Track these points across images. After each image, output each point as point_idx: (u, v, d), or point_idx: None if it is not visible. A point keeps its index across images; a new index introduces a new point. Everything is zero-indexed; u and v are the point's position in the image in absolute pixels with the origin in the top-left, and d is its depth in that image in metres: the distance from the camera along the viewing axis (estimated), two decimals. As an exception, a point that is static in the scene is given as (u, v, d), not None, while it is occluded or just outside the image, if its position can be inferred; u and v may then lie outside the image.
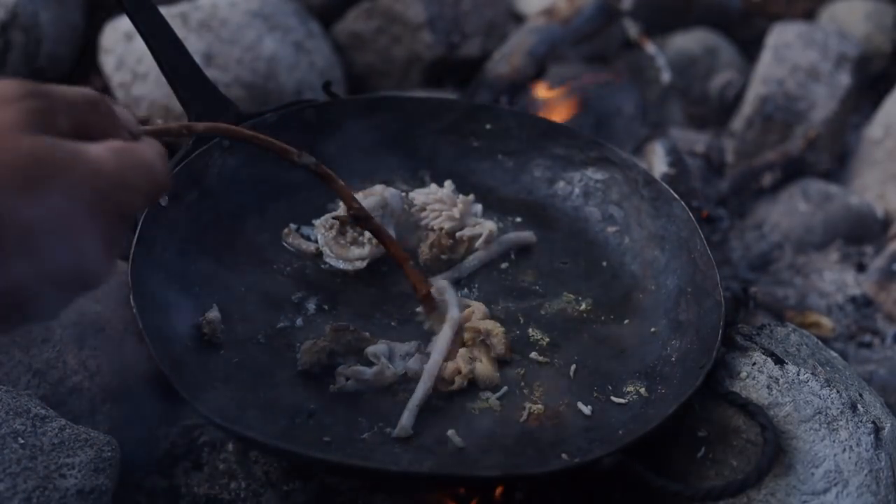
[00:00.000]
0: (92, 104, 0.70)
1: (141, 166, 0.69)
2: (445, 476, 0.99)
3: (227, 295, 1.15)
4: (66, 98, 0.67)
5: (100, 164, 0.65)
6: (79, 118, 0.68)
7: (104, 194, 0.65)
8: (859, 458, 1.00)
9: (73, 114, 0.67)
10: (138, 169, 0.69)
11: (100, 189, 0.65)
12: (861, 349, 1.54)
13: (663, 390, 1.09)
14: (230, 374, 1.06)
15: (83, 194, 0.64)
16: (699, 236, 1.21)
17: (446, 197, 1.30)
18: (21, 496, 0.92)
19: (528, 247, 1.31)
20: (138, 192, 0.69)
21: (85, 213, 0.64)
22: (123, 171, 0.67)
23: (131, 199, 0.68)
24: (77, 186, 0.63)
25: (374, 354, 1.08)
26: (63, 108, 0.66)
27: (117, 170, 0.66)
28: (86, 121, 0.68)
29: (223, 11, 1.73)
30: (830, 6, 2.27)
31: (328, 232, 1.24)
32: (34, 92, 0.65)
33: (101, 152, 0.66)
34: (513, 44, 1.90)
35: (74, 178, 0.63)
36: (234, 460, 1.12)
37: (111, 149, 0.67)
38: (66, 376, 1.11)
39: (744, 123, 1.94)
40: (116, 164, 0.66)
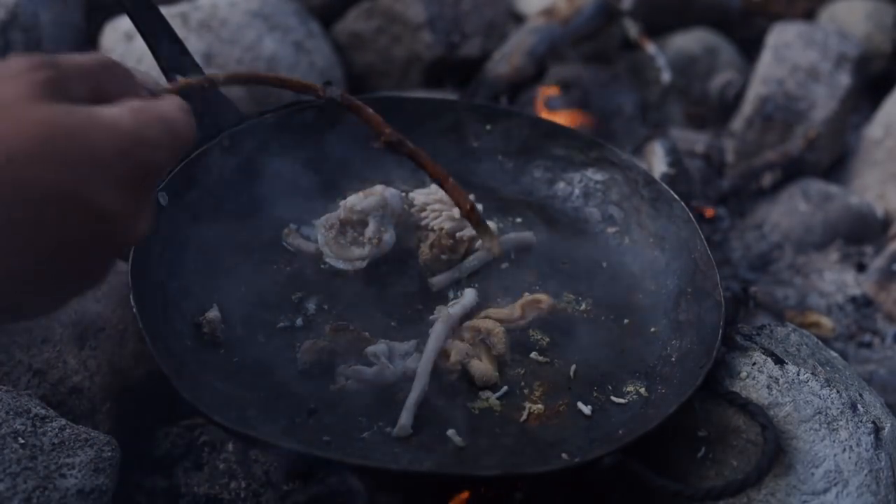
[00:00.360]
0: (106, 67, 0.69)
1: (161, 121, 0.68)
2: (445, 475, 0.99)
3: (227, 295, 1.15)
4: (79, 65, 0.67)
5: (117, 124, 0.64)
6: (94, 83, 0.67)
7: (125, 153, 0.64)
8: (859, 458, 1.01)
9: (87, 79, 0.67)
10: (158, 124, 0.68)
11: (120, 148, 0.64)
12: (861, 349, 1.54)
13: (663, 390, 1.09)
14: (230, 374, 1.06)
15: (103, 155, 0.63)
16: (699, 236, 1.21)
17: (446, 197, 1.30)
18: (21, 496, 0.92)
19: (528, 247, 1.31)
20: (160, 147, 0.67)
21: (108, 174, 0.63)
22: (142, 127, 0.66)
23: (154, 155, 0.67)
24: (96, 148, 0.62)
25: (374, 354, 1.08)
26: (76, 75, 0.66)
27: (136, 127, 0.65)
28: (101, 85, 0.68)
29: (223, 11, 1.73)
30: (830, 6, 2.27)
31: (328, 232, 1.24)
32: (44, 63, 0.64)
33: (117, 112, 0.65)
34: (513, 44, 1.90)
35: (92, 140, 0.62)
36: (234, 460, 1.12)
37: (128, 107, 0.66)
38: (66, 376, 1.11)
39: (744, 123, 1.94)
40: (134, 121, 0.66)
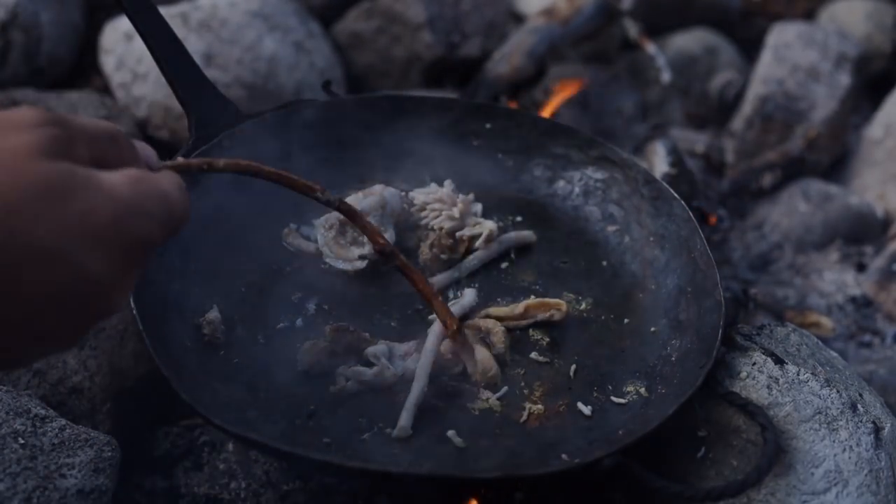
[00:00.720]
0: (111, 137, 0.70)
1: (157, 195, 0.69)
2: (445, 476, 0.99)
3: (227, 295, 1.15)
4: (86, 129, 0.67)
5: (115, 191, 0.65)
6: (97, 149, 0.67)
7: (119, 220, 0.64)
8: (859, 458, 1.00)
9: (92, 144, 0.67)
10: (155, 197, 0.68)
11: (115, 215, 0.64)
12: (861, 349, 1.54)
13: (663, 390, 1.09)
14: (230, 375, 1.06)
15: (98, 219, 0.63)
16: (699, 236, 1.21)
17: (446, 196, 1.30)
18: (21, 496, 0.92)
19: (528, 246, 1.31)
20: (154, 220, 0.68)
21: (100, 239, 0.63)
22: (139, 198, 0.66)
23: (147, 227, 0.67)
24: (91, 211, 0.63)
25: (374, 355, 1.08)
26: (82, 138, 0.66)
27: (133, 197, 0.66)
28: (105, 152, 0.68)
29: (223, 11, 1.73)
30: (830, 6, 2.27)
31: (328, 232, 1.23)
32: (54, 120, 0.65)
33: (117, 179, 0.66)
34: (513, 44, 1.90)
35: (89, 203, 0.63)
36: (234, 460, 1.12)
37: (128, 176, 0.67)
38: (66, 376, 1.11)
39: (744, 123, 1.94)
40: (132, 191, 0.66)
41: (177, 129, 1.65)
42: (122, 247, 0.65)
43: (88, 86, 1.79)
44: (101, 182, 0.64)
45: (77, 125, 0.67)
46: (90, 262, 0.63)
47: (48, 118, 0.65)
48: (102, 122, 0.70)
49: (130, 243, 0.66)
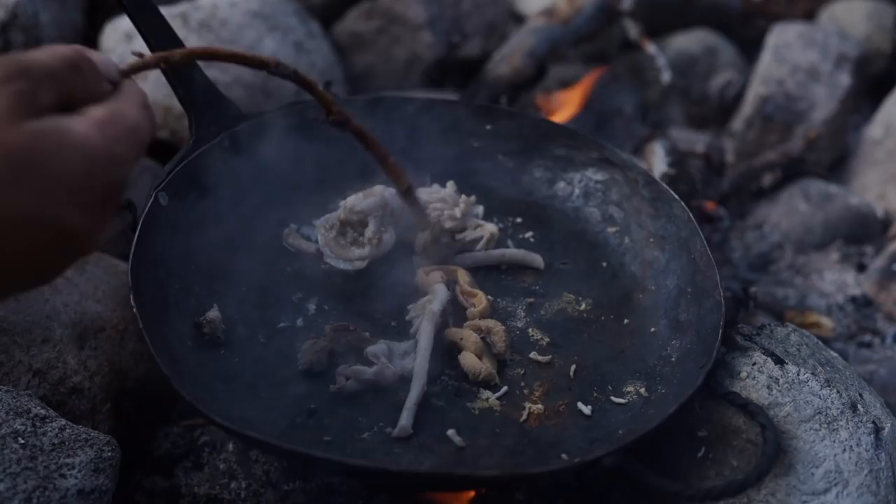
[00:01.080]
0: (73, 68, 0.69)
1: (128, 133, 0.69)
2: (445, 475, 0.99)
3: (227, 295, 1.15)
4: (47, 69, 0.66)
5: (86, 143, 0.65)
6: (63, 88, 0.67)
7: (93, 173, 0.65)
8: (859, 458, 1.00)
9: (56, 84, 0.67)
10: (126, 137, 0.69)
11: (88, 169, 0.65)
12: (861, 349, 1.54)
13: (663, 390, 1.09)
14: (230, 374, 1.06)
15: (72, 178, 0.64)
16: (699, 236, 1.21)
17: (448, 196, 1.30)
18: (21, 496, 0.92)
19: (536, 268, 1.30)
20: (126, 159, 0.69)
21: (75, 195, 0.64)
22: (111, 144, 0.67)
23: (120, 170, 0.68)
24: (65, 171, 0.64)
25: (374, 354, 1.08)
26: (45, 82, 0.66)
27: (104, 145, 0.66)
28: (70, 89, 0.68)
29: (223, 11, 1.73)
30: (830, 6, 2.27)
31: (328, 232, 1.24)
32: (14, 72, 0.64)
33: (86, 128, 0.66)
34: (513, 44, 1.90)
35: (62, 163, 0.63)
36: (234, 460, 1.12)
37: (96, 122, 0.67)
38: (66, 376, 1.11)
39: (744, 123, 1.94)
40: (102, 139, 0.66)
41: (177, 129, 1.65)
42: (97, 196, 0.66)
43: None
44: (71, 137, 0.65)
45: (39, 67, 0.66)
46: (68, 218, 0.64)
47: (10, 72, 0.64)
48: (61, 50, 0.69)
49: (106, 191, 0.67)
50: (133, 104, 0.72)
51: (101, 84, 0.71)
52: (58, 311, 1.14)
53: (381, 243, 1.22)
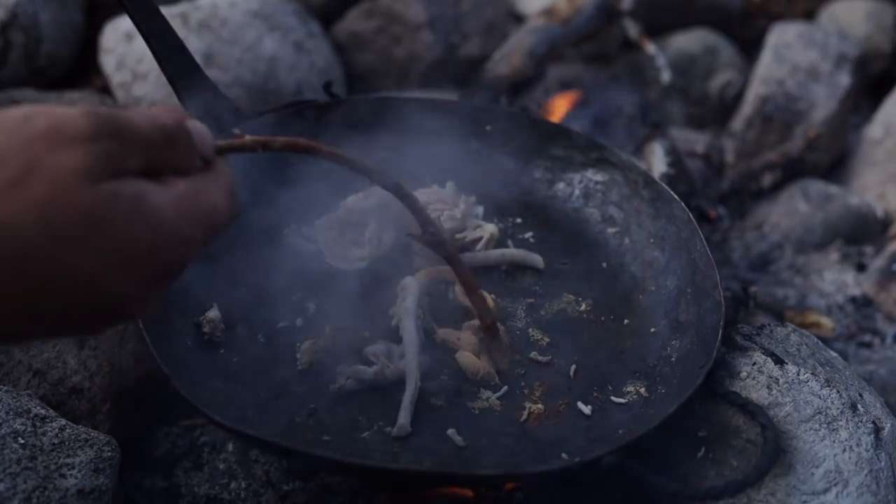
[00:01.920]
0: (168, 139, 0.67)
1: (204, 216, 0.68)
2: (445, 474, 0.99)
3: (227, 295, 1.15)
4: (142, 134, 0.64)
5: (158, 217, 0.63)
6: (151, 156, 0.65)
7: (157, 249, 0.64)
8: (859, 458, 1.01)
9: (146, 152, 0.65)
10: (201, 219, 0.67)
11: (153, 245, 0.63)
12: (861, 349, 1.54)
13: (663, 390, 1.09)
14: (230, 374, 1.06)
15: (135, 250, 0.62)
16: (699, 237, 1.21)
17: (448, 197, 1.30)
18: (21, 496, 0.92)
19: (535, 268, 1.30)
20: (193, 243, 0.67)
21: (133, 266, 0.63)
22: (182, 222, 0.65)
23: (184, 253, 0.66)
24: (131, 242, 0.62)
25: (374, 354, 1.08)
26: (136, 148, 0.64)
27: (176, 222, 0.65)
28: (158, 158, 0.66)
29: (223, 11, 1.73)
30: (830, 6, 2.27)
31: (328, 232, 1.24)
32: (109, 131, 0.62)
33: (163, 201, 0.64)
34: (513, 44, 1.90)
35: (129, 233, 0.62)
36: (234, 460, 1.12)
37: (174, 198, 0.65)
38: (66, 376, 1.11)
39: (744, 123, 1.94)
40: (176, 215, 0.65)
41: (177, 129, 1.64)
42: (155, 271, 0.65)
43: (88, 86, 1.79)
44: (144, 207, 0.63)
45: (133, 132, 0.64)
46: (120, 287, 0.63)
47: (103, 129, 0.62)
48: (160, 119, 0.67)
49: (164, 269, 0.65)
50: (219, 186, 0.70)
51: (193, 159, 0.70)
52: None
53: (381, 243, 1.22)
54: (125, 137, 0.63)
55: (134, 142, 0.64)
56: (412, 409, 1.03)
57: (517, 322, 1.20)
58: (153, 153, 0.65)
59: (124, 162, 0.63)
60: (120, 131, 0.63)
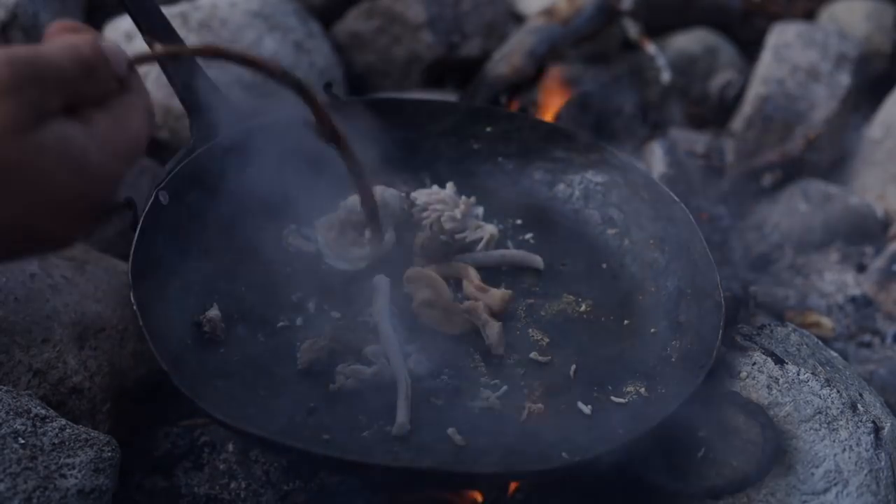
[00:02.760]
0: (87, 71, 0.67)
1: (127, 149, 0.68)
2: (446, 473, 0.99)
3: (228, 294, 1.15)
4: (62, 73, 0.65)
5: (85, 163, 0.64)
6: (72, 91, 0.66)
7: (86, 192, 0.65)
8: (859, 458, 1.01)
9: (67, 89, 0.65)
10: (124, 153, 0.68)
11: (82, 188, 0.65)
12: (861, 349, 1.54)
13: (663, 390, 1.09)
14: (230, 373, 1.06)
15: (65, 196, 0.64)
16: (699, 238, 1.21)
17: (448, 198, 1.30)
18: (21, 496, 0.92)
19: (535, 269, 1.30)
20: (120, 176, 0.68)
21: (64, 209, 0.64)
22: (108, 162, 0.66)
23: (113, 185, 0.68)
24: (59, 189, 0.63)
25: (374, 354, 1.08)
26: (57, 88, 0.64)
27: (101, 163, 0.66)
28: (79, 92, 0.67)
29: (223, 11, 1.73)
30: (830, 6, 2.27)
31: (328, 232, 1.24)
32: (28, 78, 0.62)
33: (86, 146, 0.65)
34: (513, 44, 1.90)
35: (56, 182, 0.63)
36: (234, 460, 1.12)
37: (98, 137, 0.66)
38: (66, 376, 1.11)
39: (744, 123, 1.94)
40: (100, 156, 0.66)
41: (177, 129, 1.65)
42: (82, 210, 0.66)
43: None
44: (70, 154, 0.63)
45: (53, 72, 0.64)
46: (48, 228, 0.64)
47: (23, 76, 0.61)
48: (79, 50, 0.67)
49: (92, 206, 0.66)
50: (137, 111, 0.71)
51: (111, 83, 0.70)
52: (58, 311, 1.14)
53: (381, 243, 1.22)
54: (45, 81, 0.63)
55: (54, 82, 0.64)
56: (408, 406, 1.03)
57: (517, 322, 1.20)
58: (73, 88, 0.66)
59: (46, 105, 0.63)
60: (40, 75, 0.63)
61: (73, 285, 1.18)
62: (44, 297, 1.14)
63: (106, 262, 1.27)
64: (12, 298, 1.11)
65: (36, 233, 0.64)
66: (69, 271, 1.19)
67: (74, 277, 1.20)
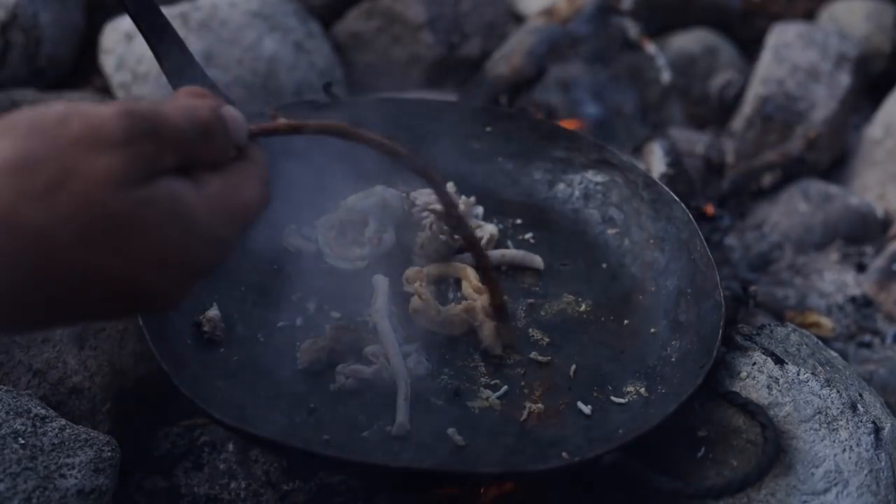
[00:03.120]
0: (204, 134, 0.66)
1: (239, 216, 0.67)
2: (445, 472, 0.99)
3: (227, 294, 1.15)
4: (178, 134, 0.64)
5: (193, 220, 0.63)
6: (187, 153, 0.65)
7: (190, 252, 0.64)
8: (859, 458, 1.01)
9: (182, 150, 0.64)
10: (235, 220, 0.67)
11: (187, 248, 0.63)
12: (861, 349, 1.54)
13: (663, 390, 1.09)
14: (230, 373, 1.07)
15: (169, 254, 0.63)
16: (699, 238, 1.21)
17: (447, 197, 1.30)
18: (21, 496, 0.92)
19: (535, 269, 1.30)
20: (230, 243, 0.67)
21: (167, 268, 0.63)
22: (218, 227, 0.65)
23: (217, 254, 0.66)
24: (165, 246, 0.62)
25: (374, 354, 1.08)
26: (172, 147, 0.63)
27: (210, 226, 0.64)
28: (194, 154, 0.65)
29: (223, 11, 1.73)
30: (830, 6, 2.27)
31: (328, 232, 1.24)
32: (144, 133, 0.61)
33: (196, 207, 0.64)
34: (513, 44, 1.90)
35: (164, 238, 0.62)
36: (234, 460, 1.12)
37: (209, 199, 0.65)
38: (66, 376, 1.11)
39: (744, 123, 1.94)
40: (210, 219, 0.64)
41: (177, 130, 1.64)
42: (187, 272, 0.65)
43: (88, 86, 1.79)
44: (179, 212, 0.62)
45: (169, 130, 0.63)
46: (152, 286, 0.63)
47: (139, 131, 0.61)
48: (197, 113, 0.66)
49: (197, 268, 0.65)
50: (252, 179, 0.70)
51: (228, 150, 0.69)
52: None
53: (381, 243, 1.22)
54: (161, 137, 0.62)
55: (170, 141, 0.63)
56: (408, 406, 1.03)
57: (517, 322, 1.20)
58: (189, 150, 0.65)
59: (160, 162, 0.62)
60: (156, 131, 0.62)
61: (73, 285, 1.18)
62: (44, 297, 1.14)
63: (106, 262, 1.27)
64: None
65: (139, 289, 0.62)
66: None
67: (74, 277, 1.20)
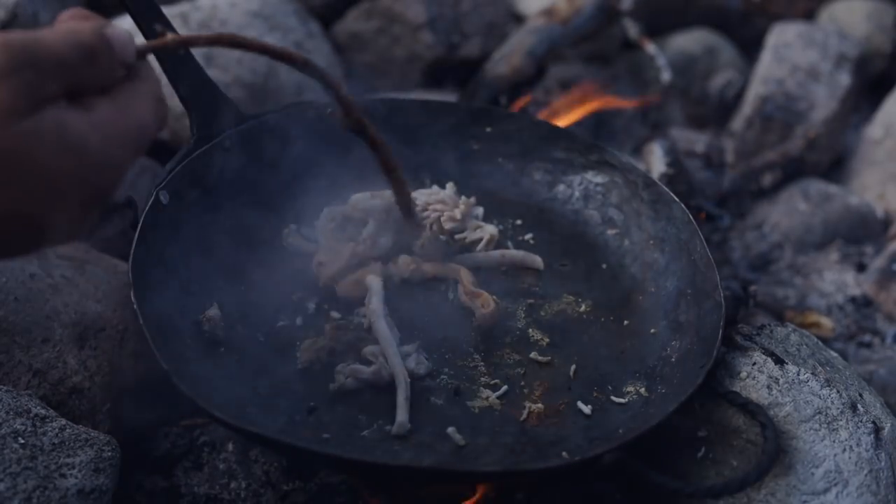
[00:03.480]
0: (88, 57, 0.64)
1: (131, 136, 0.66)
2: (445, 471, 0.99)
3: (228, 294, 1.15)
4: (59, 59, 0.62)
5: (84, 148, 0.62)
6: (72, 77, 0.63)
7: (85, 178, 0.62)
8: (859, 458, 1.01)
9: (65, 76, 0.62)
10: (128, 140, 0.65)
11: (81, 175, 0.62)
12: (861, 349, 1.54)
13: (663, 390, 1.09)
14: (230, 372, 1.07)
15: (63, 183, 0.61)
16: (699, 238, 1.21)
17: (448, 198, 1.30)
18: (21, 496, 0.92)
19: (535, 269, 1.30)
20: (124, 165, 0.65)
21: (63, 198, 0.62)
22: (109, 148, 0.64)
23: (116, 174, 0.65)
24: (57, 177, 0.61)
25: (373, 353, 1.08)
26: (55, 73, 0.61)
27: (102, 150, 0.63)
28: (80, 77, 0.64)
29: (223, 11, 1.73)
30: (830, 6, 2.27)
31: (328, 223, 1.24)
32: (24, 62, 0.60)
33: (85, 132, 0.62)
34: (513, 44, 1.90)
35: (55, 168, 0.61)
36: (234, 460, 1.12)
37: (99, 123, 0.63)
38: (66, 376, 1.11)
39: (744, 123, 1.94)
40: (102, 142, 0.63)
41: (177, 129, 1.65)
42: (84, 200, 0.63)
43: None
44: (68, 140, 0.61)
45: (50, 56, 0.61)
46: (48, 218, 0.62)
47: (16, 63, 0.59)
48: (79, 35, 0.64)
49: (94, 194, 0.64)
50: (143, 98, 0.68)
51: (116, 71, 0.67)
52: (58, 311, 1.14)
53: (376, 245, 1.22)
54: (42, 66, 0.61)
55: (52, 68, 0.61)
56: (408, 406, 1.04)
57: (517, 322, 1.20)
58: (73, 75, 0.63)
59: (43, 91, 0.61)
60: (36, 60, 0.61)
61: (73, 285, 1.18)
62: (44, 296, 1.14)
63: (106, 262, 1.27)
64: (12, 298, 1.11)
65: (36, 222, 0.62)
66: (69, 271, 1.19)
67: (74, 277, 1.20)
